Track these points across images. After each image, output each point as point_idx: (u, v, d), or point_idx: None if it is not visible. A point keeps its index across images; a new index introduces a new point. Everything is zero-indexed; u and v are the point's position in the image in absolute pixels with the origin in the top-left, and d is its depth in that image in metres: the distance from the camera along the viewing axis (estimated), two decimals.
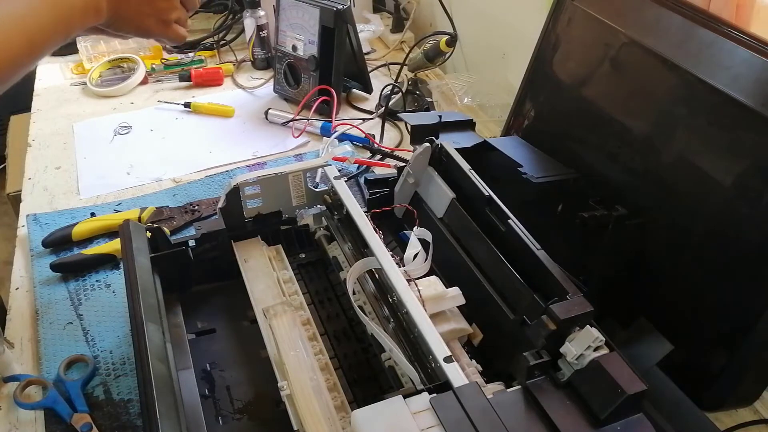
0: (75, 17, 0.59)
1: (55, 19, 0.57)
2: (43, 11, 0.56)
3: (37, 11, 0.55)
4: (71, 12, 0.58)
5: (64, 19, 0.58)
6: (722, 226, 0.60)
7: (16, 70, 0.55)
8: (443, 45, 1.14)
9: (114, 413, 0.66)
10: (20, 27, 0.54)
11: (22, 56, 0.54)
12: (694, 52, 0.62)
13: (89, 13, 0.60)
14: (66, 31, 0.59)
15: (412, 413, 0.47)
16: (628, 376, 0.48)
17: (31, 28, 0.55)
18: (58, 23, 0.57)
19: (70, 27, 0.59)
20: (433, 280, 0.63)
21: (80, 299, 0.80)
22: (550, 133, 0.83)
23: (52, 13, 0.57)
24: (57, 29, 0.57)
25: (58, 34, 0.58)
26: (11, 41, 0.53)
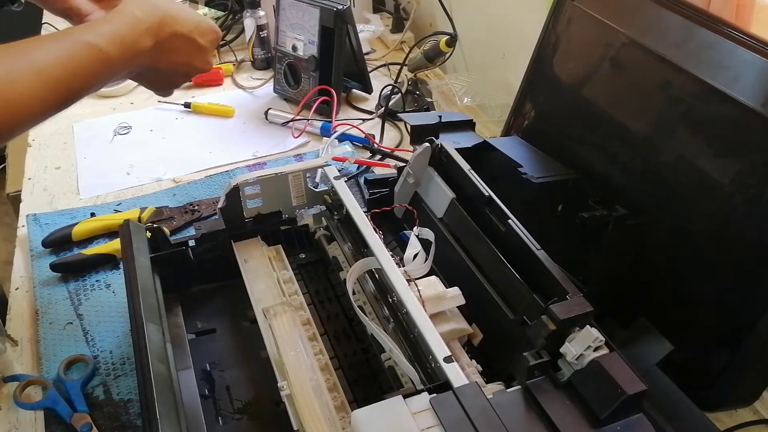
0: (113, 68, 0.55)
1: (92, 68, 0.54)
2: (80, 59, 0.53)
3: (72, 58, 0.52)
4: (110, 64, 0.55)
5: (101, 69, 0.54)
6: (722, 226, 0.60)
7: (33, 123, 0.52)
8: (443, 45, 1.14)
9: (114, 413, 0.66)
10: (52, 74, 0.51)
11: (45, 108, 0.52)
12: (694, 52, 0.62)
13: (126, 66, 0.57)
14: (99, 83, 0.55)
15: (412, 413, 0.47)
16: (628, 376, 0.48)
17: (62, 76, 0.52)
18: (95, 73, 0.54)
19: (102, 79, 0.55)
20: (433, 280, 0.63)
21: (80, 299, 0.80)
22: (550, 133, 0.83)
23: (90, 60, 0.53)
24: (92, 80, 0.54)
25: (90, 83, 0.55)
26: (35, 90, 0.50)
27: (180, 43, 0.62)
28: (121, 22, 0.56)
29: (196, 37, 0.63)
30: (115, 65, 0.56)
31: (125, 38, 0.56)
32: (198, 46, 0.64)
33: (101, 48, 0.54)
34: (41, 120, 0.53)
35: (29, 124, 0.52)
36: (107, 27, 0.55)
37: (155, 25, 0.59)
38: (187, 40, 0.62)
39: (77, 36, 0.54)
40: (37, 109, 0.51)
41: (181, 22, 0.61)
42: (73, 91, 0.53)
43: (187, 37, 0.62)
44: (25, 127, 0.52)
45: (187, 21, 0.62)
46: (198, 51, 0.64)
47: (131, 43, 0.57)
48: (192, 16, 0.63)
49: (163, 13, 0.59)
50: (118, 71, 0.57)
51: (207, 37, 0.65)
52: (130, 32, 0.57)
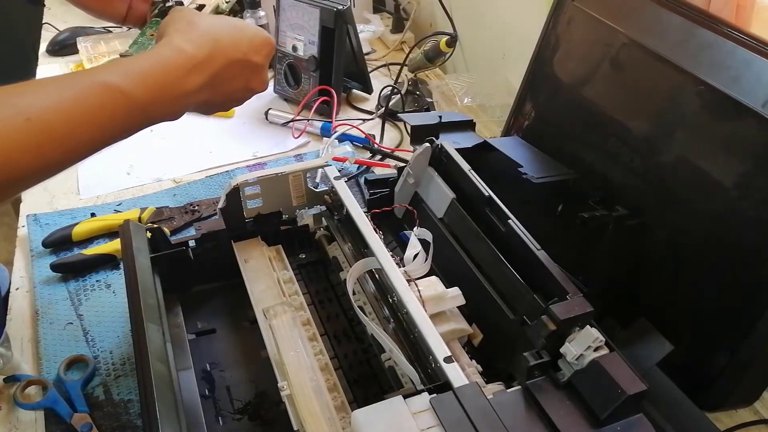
0: (149, 116, 0.47)
1: (111, 115, 0.45)
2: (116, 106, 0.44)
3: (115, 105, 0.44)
4: (140, 110, 0.46)
5: (126, 116, 0.46)
6: (722, 226, 0.60)
7: (34, 179, 0.44)
8: (443, 45, 1.14)
9: (114, 413, 0.66)
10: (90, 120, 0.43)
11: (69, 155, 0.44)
12: (694, 52, 0.62)
13: (170, 111, 0.49)
14: (128, 131, 0.48)
15: (412, 413, 0.47)
16: (628, 376, 0.48)
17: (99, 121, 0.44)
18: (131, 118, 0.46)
19: (133, 127, 0.48)
20: (433, 280, 0.63)
21: (80, 299, 0.80)
22: (550, 133, 0.83)
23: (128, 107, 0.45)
24: (114, 129, 0.46)
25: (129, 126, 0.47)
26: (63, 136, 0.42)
27: (236, 70, 0.53)
28: (161, 59, 0.47)
29: (251, 58, 0.54)
30: (150, 112, 0.47)
31: (162, 79, 0.47)
32: (254, 67, 0.55)
33: (123, 90, 0.45)
34: (46, 175, 0.44)
35: (25, 180, 0.43)
36: (136, 65, 0.47)
37: (206, 58, 0.50)
38: (243, 65, 0.53)
39: (93, 76, 0.45)
40: (30, 163, 0.42)
41: (236, 45, 0.52)
42: (83, 142, 0.44)
43: (242, 61, 0.53)
44: (19, 183, 0.43)
45: (241, 41, 0.53)
46: (255, 72, 0.56)
47: (172, 85, 0.48)
48: (244, 31, 0.54)
49: (215, 41, 0.50)
50: (157, 118, 0.49)
51: (262, 53, 0.55)
52: (172, 71, 0.47)
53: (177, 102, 0.49)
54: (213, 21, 0.53)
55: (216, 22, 0.53)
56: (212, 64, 0.50)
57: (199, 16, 0.52)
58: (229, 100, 0.56)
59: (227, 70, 0.52)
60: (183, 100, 0.49)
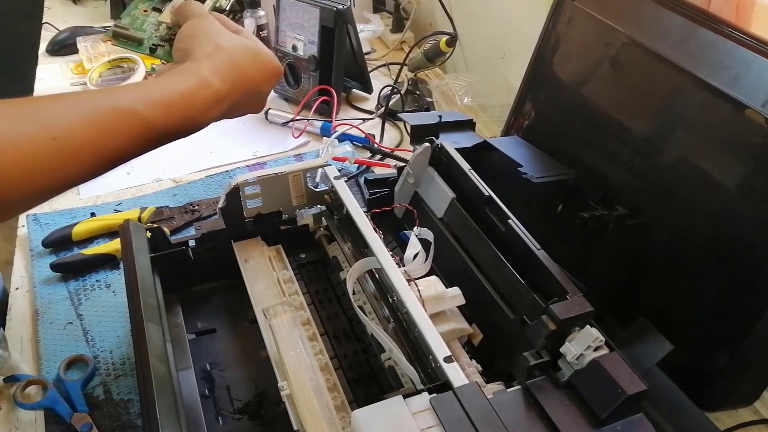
0: (160, 138, 0.47)
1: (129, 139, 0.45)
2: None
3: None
4: (156, 134, 0.46)
5: (142, 140, 0.46)
6: (722, 226, 0.60)
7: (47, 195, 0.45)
8: (443, 45, 1.14)
9: (114, 413, 0.66)
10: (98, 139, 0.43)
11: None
12: (694, 52, 0.62)
13: (181, 133, 0.48)
14: (140, 151, 0.48)
15: (412, 413, 0.47)
16: (628, 376, 0.48)
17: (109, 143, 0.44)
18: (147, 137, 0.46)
19: (146, 147, 0.48)
20: (433, 280, 0.63)
21: (80, 299, 0.80)
22: (550, 133, 0.83)
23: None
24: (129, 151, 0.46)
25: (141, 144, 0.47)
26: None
27: (248, 99, 0.53)
28: (188, 91, 0.47)
29: (263, 89, 0.54)
30: (167, 138, 0.47)
31: (186, 112, 0.47)
32: (262, 95, 0.55)
33: (148, 119, 0.45)
34: (60, 192, 0.45)
35: (41, 196, 0.44)
36: (163, 92, 0.46)
37: (229, 91, 0.49)
38: (255, 95, 0.53)
39: (119, 100, 0.45)
40: (50, 182, 0.43)
41: (254, 76, 0.52)
42: (102, 163, 0.46)
43: (256, 92, 0.53)
44: (35, 199, 0.44)
45: (258, 72, 0.52)
46: (260, 99, 0.56)
47: (195, 117, 0.48)
48: (262, 60, 0.53)
49: (238, 73, 0.50)
50: (170, 141, 0.49)
51: (272, 83, 0.55)
52: (197, 104, 0.47)
53: (195, 129, 0.50)
54: (235, 45, 0.52)
55: (238, 46, 0.52)
56: (232, 96, 0.51)
57: (223, 37, 0.52)
58: (230, 117, 0.56)
59: (242, 99, 0.52)
60: (200, 127, 0.50)
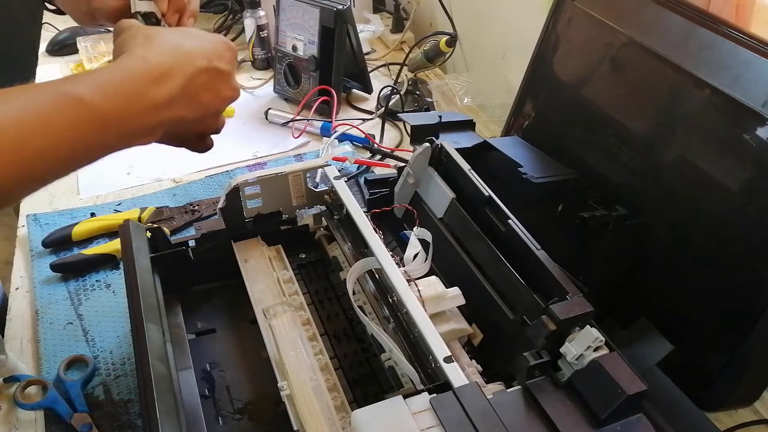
0: (116, 128, 0.45)
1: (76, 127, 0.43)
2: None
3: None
4: (104, 122, 0.44)
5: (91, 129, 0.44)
6: (722, 226, 0.60)
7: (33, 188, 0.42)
8: (443, 45, 1.14)
9: (114, 413, 0.66)
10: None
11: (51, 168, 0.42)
12: (694, 52, 0.62)
13: (139, 125, 0.46)
14: (98, 147, 0.46)
15: (412, 413, 0.47)
16: (628, 376, 0.48)
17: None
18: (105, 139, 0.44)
19: (100, 142, 0.45)
20: (433, 280, 0.63)
21: (80, 299, 0.80)
22: (550, 133, 0.83)
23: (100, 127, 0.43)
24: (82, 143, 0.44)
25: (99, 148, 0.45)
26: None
27: (205, 79, 0.51)
28: (124, 69, 0.46)
29: (217, 64, 0.52)
30: (118, 126, 0.45)
31: (126, 88, 0.45)
32: (222, 74, 0.53)
33: (84, 99, 0.42)
34: (11, 195, 0.42)
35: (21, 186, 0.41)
36: (99, 75, 0.44)
37: (171, 67, 0.48)
38: (210, 73, 0.51)
39: (56, 87, 0.43)
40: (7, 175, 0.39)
41: (199, 52, 0.50)
42: (44, 158, 0.42)
43: (209, 69, 0.51)
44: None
45: (203, 48, 0.51)
46: (223, 79, 0.53)
47: (138, 94, 0.45)
48: (204, 39, 0.53)
49: (177, 50, 0.49)
50: (128, 135, 0.47)
51: (225, 59, 0.53)
52: (137, 80, 0.45)
53: (147, 115, 0.46)
54: (170, 32, 0.52)
55: (173, 33, 0.52)
56: (179, 74, 0.48)
57: (155, 30, 0.51)
58: (205, 114, 0.53)
59: (196, 79, 0.50)
60: (154, 114, 0.47)
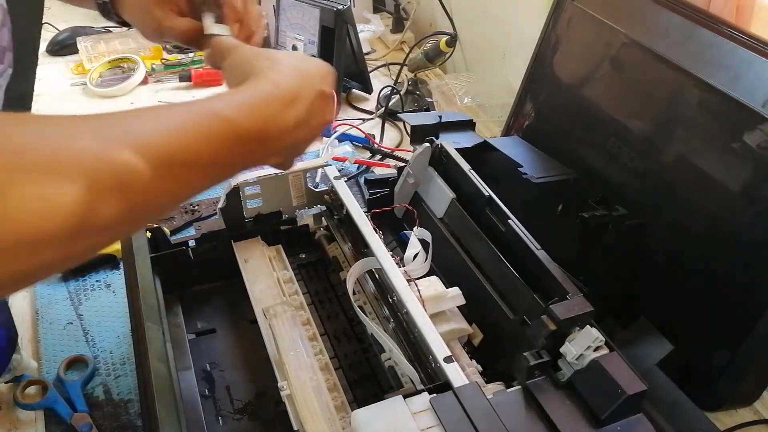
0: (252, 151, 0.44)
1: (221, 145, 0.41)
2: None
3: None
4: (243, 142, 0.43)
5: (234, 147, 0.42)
6: (722, 226, 0.60)
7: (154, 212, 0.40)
8: (443, 45, 1.14)
9: (114, 413, 0.66)
10: None
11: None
12: (694, 52, 0.62)
13: (268, 145, 0.45)
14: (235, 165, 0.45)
15: (412, 413, 0.47)
16: (628, 376, 0.48)
17: None
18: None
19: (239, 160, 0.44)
20: (433, 280, 0.63)
21: (80, 299, 0.80)
22: (550, 133, 0.83)
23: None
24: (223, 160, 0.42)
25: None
26: None
27: (320, 102, 0.50)
28: (262, 92, 0.46)
29: (325, 89, 0.51)
30: (252, 147, 0.45)
31: (264, 112, 0.45)
32: (327, 97, 0.52)
33: (230, 119, 0.42)
34: (159, 211, 0.40)
35: (147, 214, 0.39)
36: (238, 96, 0.45)
37: (298, 92, 0.48)
38: (323, 96, 0.50)
39: (201, 105, 0.42)
40: (154, 196, 0.38)
41: (315, 77, 0.50)
42: (199, 174, 0.41)
43: (322, 93, 0.50)
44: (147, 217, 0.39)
45: (316, 73, 0.51)
46: (328, 102, 0.52)
47: (274, 118, 0.46)
48: (314, 64, 0.52)
49: (301, 75, 0.49)
50: (255, 157, 0.47)
51: (329, 82, 0.52)
52: (272, 104, 0.46)
53: (278, 138, 0.46)
54: (287, 56, 0.51)
55: (290, 57, 0.51)
56: (305, 99, 0.48)
57: (274, 53, 0.51)
58: (313, 137, 0.52)
59: (315, 103, 0.49)
60: (284, 137, 0.47)
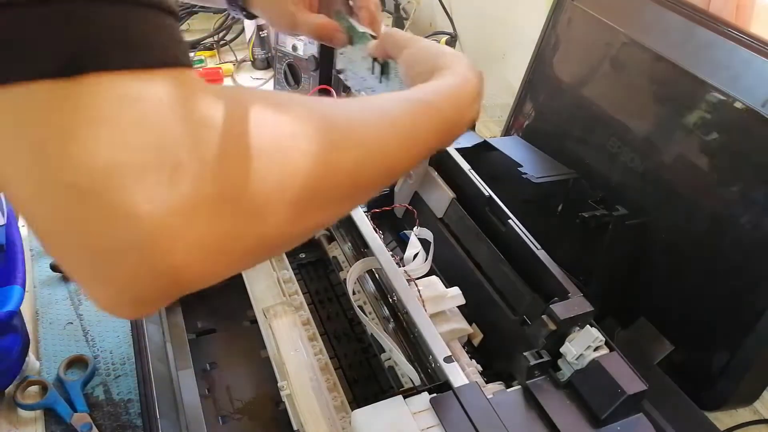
0: (452, 131, 0.48)
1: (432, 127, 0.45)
2: None
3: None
4: (448, 125, 0.47)
5: (441, 128, 0.46)
6: (722, 226, 0.60)
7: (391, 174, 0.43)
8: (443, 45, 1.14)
9: (114, 413, 0.66)
10: None
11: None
12: (694, 52, 0.62)
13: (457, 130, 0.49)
14: (438, 144, 0.47)
15: (412, 413, 0.47)
16: (628, 376, 0.48)
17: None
18: None
19: (442, 139, 0.48)
20: (433, 280, 0.63)
21: (80, 299, 0.80)
22: (550, 133, 0.83)
23: None
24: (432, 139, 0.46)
25: None
26: None
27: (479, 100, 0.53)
28: (458, 84, 0.49)
29: (482, 87, 0.54)
30: (448, 134, 0.48)
31: (460, 102, 0.48)
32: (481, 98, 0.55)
33: (439, 107, 0.46)
34: (395, 175, 0.44)
35: (395, 176, 0.44)
36: (441, 87, 0.48)
37: (480, 89, 0.51)
38: (482, 95, 0.53)
39: (412, 93, 0.46)
40: (393, 162, 0.41)
41: (480, 75, 0.53)
42: (418, 150, 0.44)
43: (481, 93, 0.53)
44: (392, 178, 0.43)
45: (480, 72, 0.54)
46: (480, 100, 0.55)
47: (467, 109, 0.49)
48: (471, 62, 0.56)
49: (477, 73, 0.52)
50: (448, 136, 0.49)
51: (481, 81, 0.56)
52: (465, 96, 0.49)
53: (461, 130, 0.49)
54: (461, 54, 0.55)
55: (462, 55, 0.54)
56: (481, 95, 0.52)
57: (446, 47, 0.55)
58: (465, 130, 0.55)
59: (479, 99, 0.52)
60: (463, 129, 0.50)
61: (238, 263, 0.31)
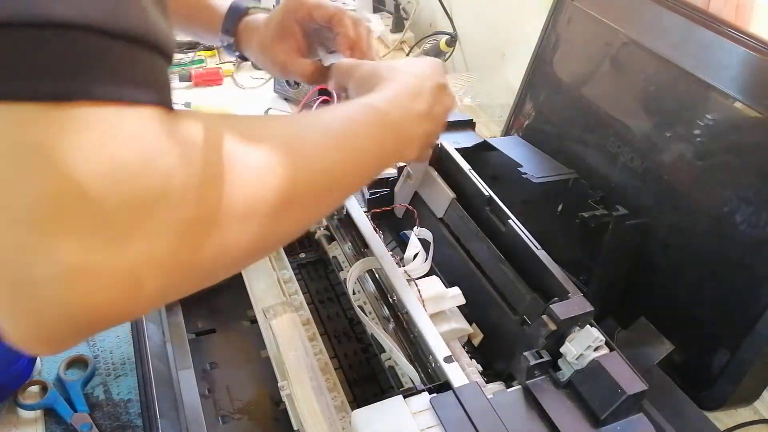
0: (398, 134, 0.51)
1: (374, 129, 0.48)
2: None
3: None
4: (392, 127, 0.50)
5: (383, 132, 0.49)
6: (722, 226, 0.60)
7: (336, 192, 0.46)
8: (443, 45, 1.14)
9: (114, 413, 0.66)
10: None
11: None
12: (694, 52, 0.62)
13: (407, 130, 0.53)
14: (386, 150, 0.50)
15: (412, 413, 0.47)
16: (628, 376, 0.48)
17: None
18: None
19: (387, 143, 0.50)
20: (433, 280, 0.63)
21: None
22: (550, 133, 0.83)
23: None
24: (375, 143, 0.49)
25: None
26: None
27: (438, 93, 0.57)
28: (398, 86, 0.53)
29: (439, 80, 0.58)
30: (399, 134, 0.51)
31: (402, 101, 0.52)
32: (443, 86, 0.59)
33: (381, 109, 0.49)
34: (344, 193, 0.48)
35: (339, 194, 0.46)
36: (382, 93, 0.52)
37: (421, 85, 0.55)
38: (439, 87, 0.57)
39: (357, 101, 0.51)
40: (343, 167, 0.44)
41: (429, 72, 0.58)
42: (359, 155, 0.46)
43: (438, 84, 0.57)
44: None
45: (427, 68, 0.58)
46: (445, 91, 0.59)
47: (411, 106, 0.53)
48: (424, 62, 0.60)
49: (417, 73, 0.56)
50: (400, 147, 0.53)
51: (441, 73, 0.60)
52: (405, 95, 0.53)
53: (414, 125, 0.53)
54: (404, 62, 0.60)
55: (404, 63, 0.59)
56: (426, 91, 0.55)
57: (392, 62, 0.59)
58: (438, 125, 0.58)
59: (435, 94, 0.56)
60: (417, 125, 0.53)
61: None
